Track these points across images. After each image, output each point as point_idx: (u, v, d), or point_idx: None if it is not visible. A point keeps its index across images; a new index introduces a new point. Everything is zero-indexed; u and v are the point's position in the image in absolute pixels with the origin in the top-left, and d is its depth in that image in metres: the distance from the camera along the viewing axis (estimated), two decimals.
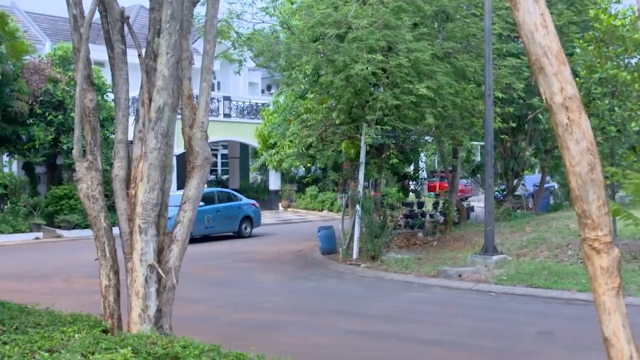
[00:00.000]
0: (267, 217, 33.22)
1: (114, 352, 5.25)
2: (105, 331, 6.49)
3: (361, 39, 16.01)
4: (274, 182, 36.76)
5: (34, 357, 5.25)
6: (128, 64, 7.19)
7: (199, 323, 10.85)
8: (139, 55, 6.92)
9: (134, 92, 8.83)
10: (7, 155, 28.12)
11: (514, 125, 22.23)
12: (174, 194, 11.28)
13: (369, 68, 15.97)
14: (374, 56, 16.14)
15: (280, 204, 36.72)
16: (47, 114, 26.29)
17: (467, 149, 24.14)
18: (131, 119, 7.15)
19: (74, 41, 7.13)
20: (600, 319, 3.76)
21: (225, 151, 42.42)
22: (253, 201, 27.76)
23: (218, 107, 34.23)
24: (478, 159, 31.03)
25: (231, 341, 7.40)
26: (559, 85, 3.73)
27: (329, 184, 30.23)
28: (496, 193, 24.47)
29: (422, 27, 17.67)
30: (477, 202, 31.38)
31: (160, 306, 6.46)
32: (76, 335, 6.04)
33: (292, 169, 33.86)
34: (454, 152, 23.38)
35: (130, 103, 7.54)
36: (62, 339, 5.87)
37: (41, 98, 26.28)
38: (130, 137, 6.84)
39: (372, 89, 17.50)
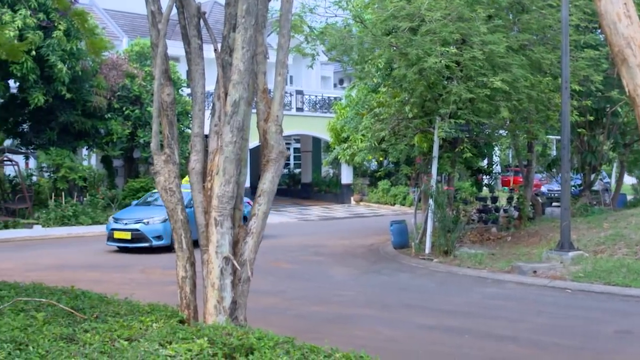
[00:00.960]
0: (338, 210, 33.30)
1: (190, 342, 5.34)
2: (181, 321, 6.60)
3: (434, 32, 15.85)
4: (346, 176, 36.77)
5: (113, 345, 5.38)
6: (204, 58, 7.29)
7: (269, 315, 10.95)
8: (215, 50, 7.01)
9: (210, 86, 8.96)
10: (87, 149, 28.90)
11: (591, 118, 21.68)
12: None
13: (442, 61, 15.80)
14: (447, 49, 15.97)
15: (352, 198, 36.72)
16: (124, 108, 26.91)
17: (542, 142, 23.69)
18: (207, 113, 7.24)
19: (152, 37, 7.26)
20: None
21: (298, 145, 42.64)
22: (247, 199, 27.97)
23: (290, 101, 34.41)
24: (554, 153, 30.43)
25: (302, 334, 7.42)
26: None
27: (401, 178, 30.07)
28: (572, 189, 23.98)
29: (497, 19, 17.39)
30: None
31: (235, 298, 6.54)
32: (154, 324, 6.16)
33: (364, 162, 33.85)
34: (529, 146, 22.95)
35: (205, 97, 7.64)
36: (140, 328, 5.99)
37: (119, 93, 26.92)
38: (206, 131, 6.94)
39: (446, 82, 17.32)
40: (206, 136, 7.00)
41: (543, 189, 32.48)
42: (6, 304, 6.81)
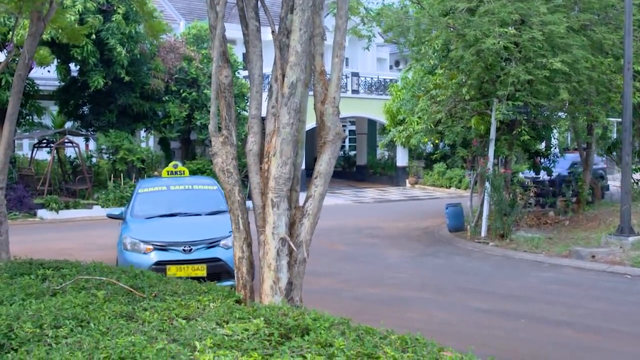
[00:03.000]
0: (393, 193, 33.20)
1: (247, 321, 5.40)
2: (238, 301, 6.68)
3: (493, 12, 15.62)
4: (402, 158, 36.60)
5: (172, 324, 5.47)
6: (262, 40, 7.31)
7: (324, 296, 11.02)
8: (273, 32, 7.03)
9: (267, 69, 8.99)
10: (145, 131, 29.33)
11: None
12: None
13: (500, 42, 15.57)
14: (506, 30, 15.73)
15: (407, 181, 36.56)
16: (181, 91, 27.18)
17: (603, 125, 23.18)
18: (264, 95, 7.28)
19: (210, 19, 7.31)
20: None
21: (353, 127, 42.57)
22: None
23: (346, 83, 34.32)
24: (614, 136, 29.78)
25: (357, 315, 7.46)
26: None
27: (457, 160, 29.81)
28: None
29: None
30: (612, 181, 30.15)
31: (291, 279, 6.59)
32: (211, 304, 6.25)
33: (420, 145, 33.61)
34: (589, 128, 22.50)
35: (263, 79, 7.67)
36: (197, 308, 6.08)
37: (176, 76, 27.19)
38: (263, 113, 6.98)
39: (504, 64, 17.06)
40: (263, 118, 7.04)
41: (521, 175, 30.70)
42: (68, 282, 6.98)
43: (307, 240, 6.70)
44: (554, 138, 29.98)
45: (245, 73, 8.60)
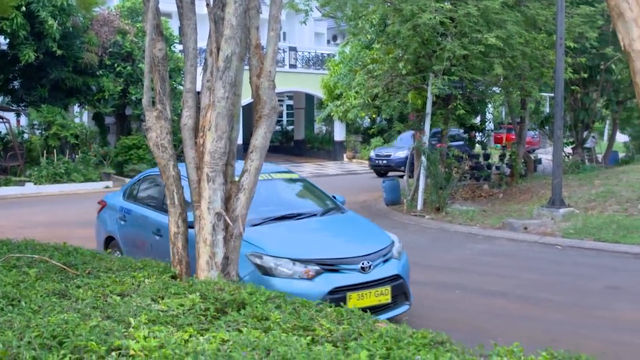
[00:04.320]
0: (331, 167, 33.32)
1: (182, 297, 5.38)
2: (173, 277, 6.65)
3: None
4: (339, 132, 36.73)
5: (106, 301, 5.42)
6: (196, 13, 7.22)
7: None
8: (207, 5, 6.93)
9: (202, 42, 8.88)
10: (78, 106, 28.75)
11: (585, 76, 21.62)
12: None
13: (436, 17, 15.68)
14: (442, 5, 15.85)
15: (344, 155, 36.74)
16: (116, 65, 26.70)
17: (536, 100, 23.63)
18: (199, 69, 7.19)
19: None
20: None
21: (291, 102, 42.52)
22: None
23: (284, 57, 34.19)
24: (547, 110, 30.40)
25: None
26: (638, 32, 3.59)
27: (394, 135, 30.03)
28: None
29: None
30: (545, 155, 30.83)
31: (227, 253, 6.57)
32: (146, 280, 6.21)
33: (357, 119, 33.82)
34: (522, 103, 22.90)
35: (198, 53, 7.58)
36: (132, 284, 6.04)
37: (110, 49, 26.68)
38: (198, 87, 6.90)
39: (440, 39, 17.19)
40: (199, 92, 6.96)
41: (372, 153, 30.03)
42: None
43: (243, 215, 6.69)
44: (489, 112, 30.46)
45: (181, 47, 8.44)
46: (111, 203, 10.59)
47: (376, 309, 7.33)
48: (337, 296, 7.22)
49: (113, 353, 3.93)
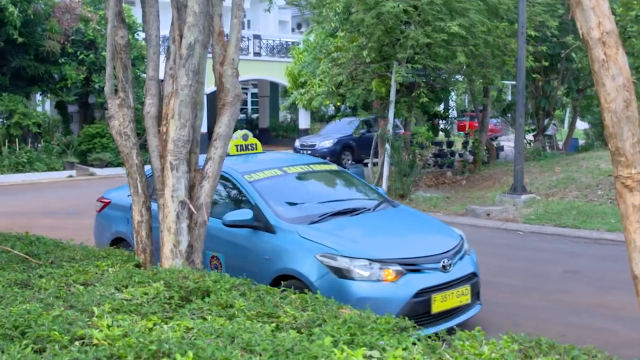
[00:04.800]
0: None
1: (146, 285, 5.37)
2: (137, 266, 6.64)
3: None
4: (304, 120, 36.70)
5: (69, 290, 5.39)
6: (158, 1, 7.17)
7: None
8: None
9: (165, 30, 8.83)
10: (40, 95, 28.36)
11: (546, 64, 21.86)
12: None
13: (400, 5, 15.74)
14: None
15: None
16: (78, 53, 26.37)
17: (498, 88, 23.87)
18: (162, 57, 7.15)
19: None
20: (630, 257, 3.76)
21: (256, 90, 42.38)
22: None
23: (248, 45, 34.04)
24: (509, 98, 30.70)
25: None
26: (596, 20, 3.65)
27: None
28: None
29: None
30: (507, 142, 31.13)
31: (191, 242, 6.57)
32: (110, 269, 6.19)
33: (322, 107, 33.80)
34: (485, 91, 23.10)
35: (161, 41, 7.54)
36: (96, 273, 6.02)
37: (73, 37, 26.33)
38: (161, 75, 6.87)
39: (403, 27, 17.26)
40: (162, 80, 6.93)
41: (296, 143, 29.33)
42: None
43: (207, 203, 6.69)
44: (452, 100, 30.66)
45: (145, 35, 8.39)
46: (118, 201, 9.32)
47: (454, 312, 6.90)
48: (422, 299, 6.61)
49: (76, 342, 3.91)
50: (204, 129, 25.39)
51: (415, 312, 6.24)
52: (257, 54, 34.79)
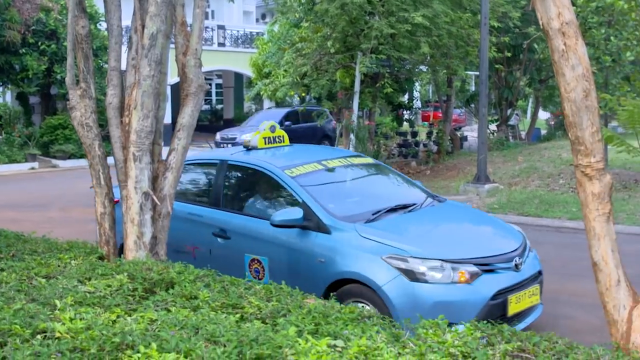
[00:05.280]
0: None
1: (110, 277, 5.33)
2: (101, 258, 6.57)
3: None
4: None
5: (31, 283, 5.33)
6: None
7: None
8: None
9: (127, 20, 8.74)
10: (1, 86, 27.91)
11: (509, 54, 22.10)
12: None
13: None
14: None
15: None
16: (40, 43, 25.97)
17: (461, 78, 24.03)
18: (124, 47, 7.08)
19: None
20: (590, 244, 3.82)
21: (220, 81, 42.18)
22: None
23: (212, 36, 33.83)
24: (472, 88, 30.91)
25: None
26: (556, 10, 3.69)
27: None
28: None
29: None
30: (471, 132, 31.37)
31: (155, 233, 6.52)
32: (72, 262, 6.12)
33: (286, 98, 33.72)
34: (449, 81, 23.25)
35: (124, 31, 7.46)
36: (58, 266, 5.95)
37: (34, 27, 25.90)
38: (123, 66, 6.80)
39: (368, 18, 17.30)
40: (124, 70, 6.86)
41: (217, 136, 28.99)
42: None
43: (170, 194, 6.64)
44: (416, 91, 30.81)
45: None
46: None
47: (524, 314, 6.50)
48: (499, 301, 6.15)
49: (38, 336, 3.87)
50: (168, 120, 25.22)
51: (491, 315, 5.77)
52: (221, 44, 34.60)
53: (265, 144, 8.26)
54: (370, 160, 8.80)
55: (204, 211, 7.72)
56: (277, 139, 8.44)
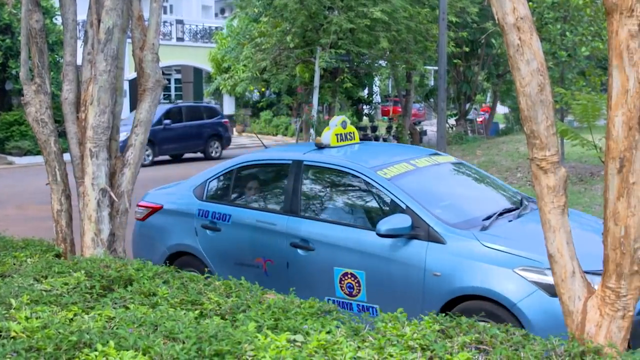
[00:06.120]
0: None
1: (67, 275, 5.26)
2: (58, 255, 6.49)
3: None
4: (228, 106, 36.45)
5: None
6: None
7: None
8: None
9: (83, 14, 8.64)
10: None
11: (467, 49, 22.31)
12: None
13: None
14: None
15: (234, 129, 36.52)
16: None
17: (420, 73, 24.18)
18: (80, 42, 7.00)
19: None
20: (546, 237, 3.86)
21: (179, 76, 41.84)
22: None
23: (171, 30, 33.58)
24: (431, 83, 31.14)
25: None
26: (511, 6, 3.73)
27: (283, 108, 30.13)
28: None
29: None
30: (430, 126, 31.58)
31: (113, 230, 6.46)
32: (28, 260, 6.04)
33: (246, 93, 33.65)
34: (408, 76, 23.38)
35: (81, 27, 7.37)
36: (14, 264, 5.87)
37: None
38: (79, 60, 6.72)
39: (327, 12, 17.32)
40: (80, 65, 6.78)
41: None
42: None
43: (128, 190, 6.59)
44: (376, 86, 30.94)
45: None
46: (175, 206, 7.44)
47: None
48: None
49: None
50: (126, 115, 24.98)
51: (636, 332, 4.62)
52: (180, 39, 34.36)
53: (338, 141, 7.30)
54: (452, 158, 7.83)
55: (278, 219, 6.65)
56: (348, 136, 7.52)
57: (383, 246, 5.88)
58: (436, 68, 18.95)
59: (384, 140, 24.96)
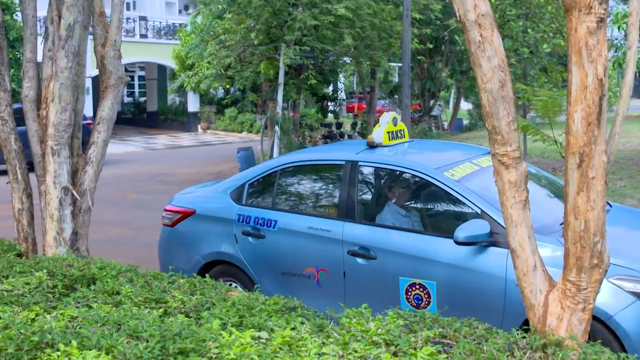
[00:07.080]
0: (185, 139, 32.89)
1: (28, 275, 5.20)
2: (19, 255, 6.41)
3: None
4: (193, 103, 36.24)
5: None
6: None
7: (116, 245, 10.81)
8: None
9: (44, 10, 8.55)
10: None
11: (431, 46, 22.41)
12: None
13: None
14: None
15: (199, 126, 36.33)
16: None
17: (384, 69, 24.29)
18: (41, 38, 6.92)
19: None
20: (507, 231, 3.90)
21: (143, 73, 41.54)
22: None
23: (134, 27, 33.29)
24: (396, 79, 31.26)
25: (150, 262, 7.41)
26: (472, 3, 3.75)
27: (247, 105, 29.97)
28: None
29: None
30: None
31: (76, 229, 6.40)
32: None
33: (210, 90, 33.46)
34: (372, 73, 23.45)
35: (41, 23, 7.28)
36: None
37: None
38: (40, 57, 6.64)
39: (291, 9, 17.30)
40: (41, 62, 6.70)
41: None
42: None
43: (91, 189, 6.53)
44: (340, 82, 30.99)
45: None
46: (210, 211, 6.89)
47: None
48: None
49: None
50: (89, 112, 24.73)
51: None
52: (143, 35, 34.08)
53: (390, 140, 6.69)
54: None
55: (333, 225, 6.14)
56: (399, 134, 6.90)
57: (457, 254, 5.45)
58: (400, 65, 19.04)
59: (349, 137, 25.03)
